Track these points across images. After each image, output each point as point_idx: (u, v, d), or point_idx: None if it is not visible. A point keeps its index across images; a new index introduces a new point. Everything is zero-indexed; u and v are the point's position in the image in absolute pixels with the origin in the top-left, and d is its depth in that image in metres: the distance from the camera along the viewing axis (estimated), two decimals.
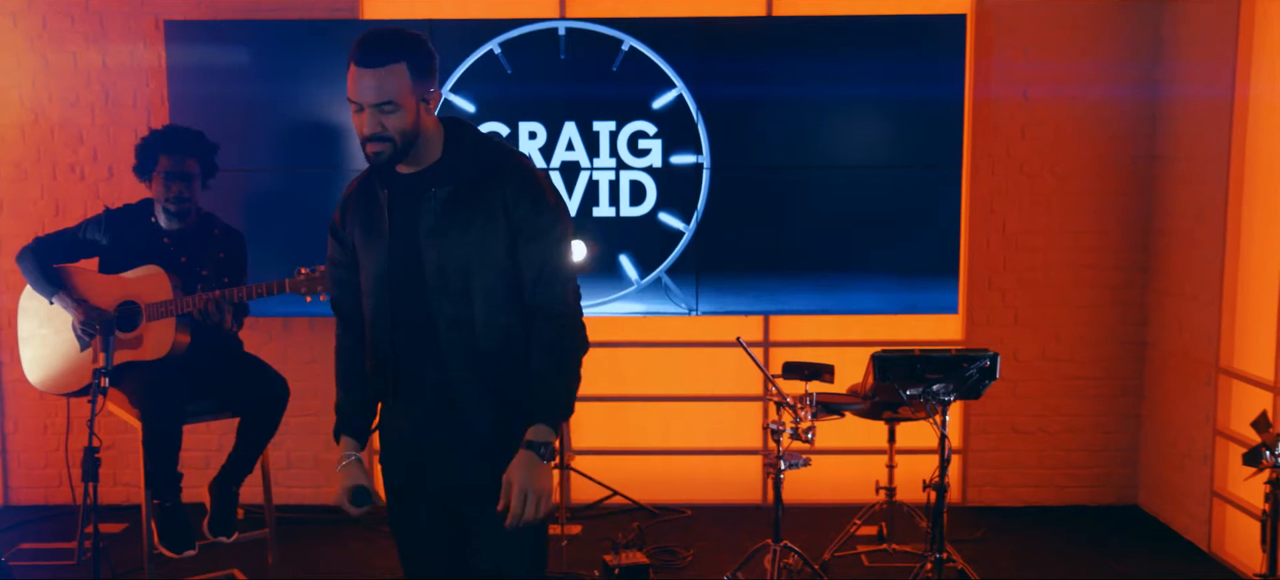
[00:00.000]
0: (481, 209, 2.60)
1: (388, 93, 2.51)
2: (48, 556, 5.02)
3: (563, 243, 2.65)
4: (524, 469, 2.54)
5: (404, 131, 2.54)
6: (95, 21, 5.41)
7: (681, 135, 5.28)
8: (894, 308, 5.39)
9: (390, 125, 2.53)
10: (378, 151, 2.55)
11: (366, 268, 2.70)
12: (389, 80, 2.51)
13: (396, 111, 2.53)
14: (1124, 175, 5.46)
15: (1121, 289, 5.53)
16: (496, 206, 2.60)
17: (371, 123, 2.52)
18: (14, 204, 5.52)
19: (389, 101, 2.51)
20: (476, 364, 2.62)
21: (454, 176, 2.62)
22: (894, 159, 5.32)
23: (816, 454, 4.90)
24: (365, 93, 2.52)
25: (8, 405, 5.69)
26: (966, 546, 5.04)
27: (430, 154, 2.63)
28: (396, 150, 2.55)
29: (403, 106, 2.53)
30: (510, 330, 2.64)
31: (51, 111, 5.47)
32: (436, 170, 2.63)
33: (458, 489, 2.69)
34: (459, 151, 2.65)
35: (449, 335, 2.61)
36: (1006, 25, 5.37)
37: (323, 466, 5.70)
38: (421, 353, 2.62)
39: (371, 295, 2.68)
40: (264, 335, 5.49)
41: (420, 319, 2.62)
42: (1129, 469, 5.65)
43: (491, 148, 2.70)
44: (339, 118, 5.27)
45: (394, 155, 2.56)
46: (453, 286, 2.59)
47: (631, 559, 4.61)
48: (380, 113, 2.52)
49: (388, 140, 2.54)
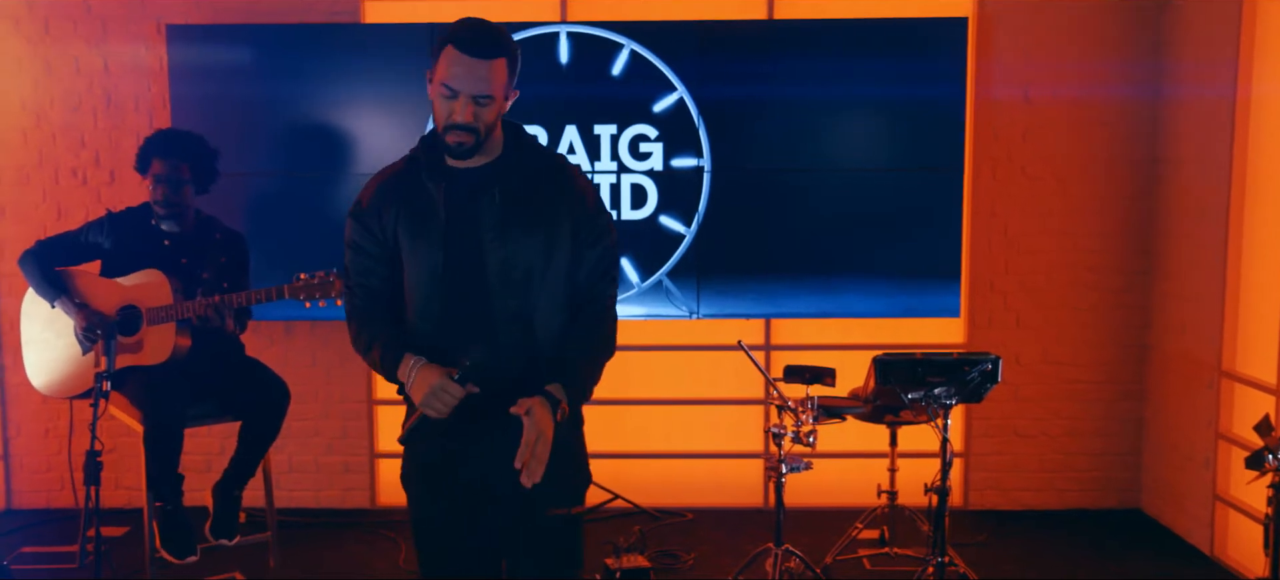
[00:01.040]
0: (545, 209, 2.61)
1: (489, 85, 2.50)
2: (49, 560, 5.02)
3: (616, 248, 2.72)
4: (546, 414, 2.49)
5: (489, 126, 2.55)
6: (97, 25, 5.42)
7: (682, 138, 5.28)
8: (895, 311, 5.38)
9: (482, 117, 2.52)
10: (461, 142, 2.53)
11: (415, 261, 2.63)
12: (491, 72, 2.50)
13: (490, 105, 2.52)
14: (1126, 177, 5.45)
15: (1123, 292, 5.52)
16: (560, 207, 2.62)
17: (464, 111, 2.50)
18: (16, 208, 5.52)
19: (489, 94, 2.51)
20: (533, 360, 2.61)
21: (516, 175, 2.62)
22: (895, 162, 5.32)
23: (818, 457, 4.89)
24: (469, 82, 2.49)
25: (10, 409, 5.70)
26: (968, 550, 5.04)
27: (491, 151, 2.63)
28: (477, 142, 2.55)
29: (495, 100, 2.53)
30: (563, 328, 2.67)
31: (54, 115, 5.47)
32: (497, 167, 2.62)
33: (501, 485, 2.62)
34: (520, 151, 2.66)
35: (507, 331, 2.60)
36: (1008, 28, 5.37)
37: (324, 470, 5.70)
38: (476, 347, 2.55)
39: (420, 289, 2.63)
40: (266, 339, 5.49)
41: (476, 314, 2.59)
42: (1131, 472, 5.64)
43: (548, 152, 2.73)
44: (340, 121, 5.27)
45: (474, 147, 2.55)
46: (515, 283, 2.58)
47: (633, 562, 4.60)
48: (476, 104, 2.50)
49: (474, 132, 2.52)
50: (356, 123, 5.28)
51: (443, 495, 2.70)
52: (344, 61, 5.24)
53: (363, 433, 5.66)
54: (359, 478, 5.69)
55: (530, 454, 2.45)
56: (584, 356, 2.63)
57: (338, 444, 5.67)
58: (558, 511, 2.70)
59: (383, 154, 5.25)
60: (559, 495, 2.68)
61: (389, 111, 5.27)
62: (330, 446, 5.68)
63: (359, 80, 5.25)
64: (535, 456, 2.46)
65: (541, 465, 2.47)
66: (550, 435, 2.49)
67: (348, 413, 5.64)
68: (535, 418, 2.46)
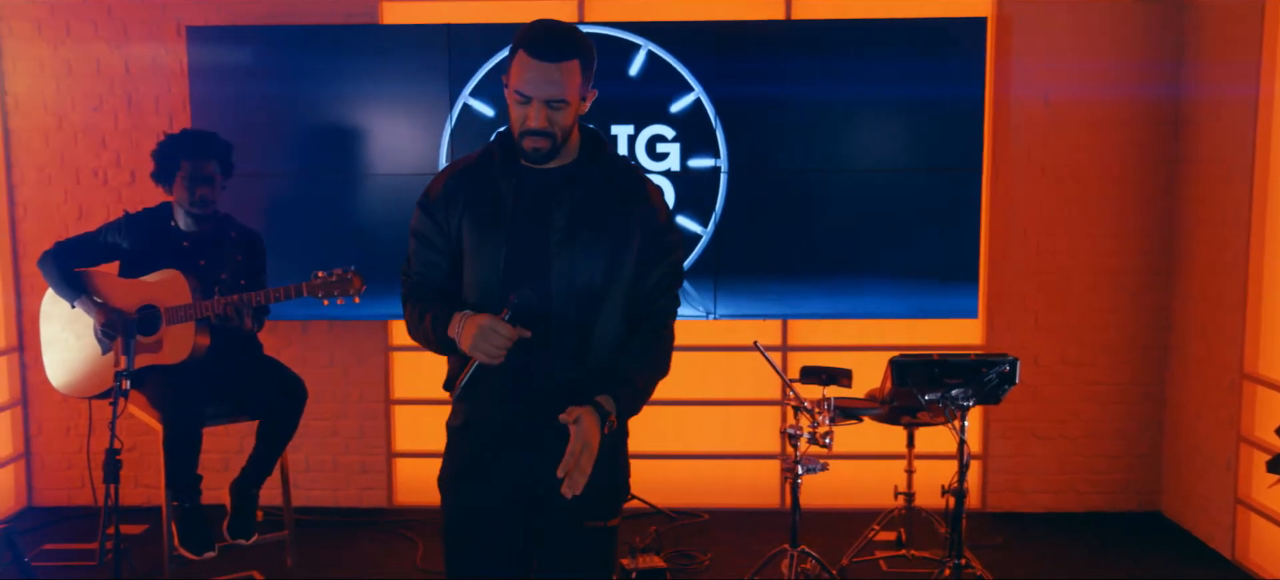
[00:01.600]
0: (616, 218, 2.58)
1: (561, 89, 2.46)
2: (70, 557, 5.05)
3: (681, 265, 2.70)
4: (594, 425, 2.47)
5: (566, 129, 2.51)
6: (118, 27, 5.45)
7: (700, 139, 5.28)
8: (913, 312, 5.36)
9: (557, 122, 2.48)
10: (537, 147, 2.50)
11: (478, 258, 2.61)
12: (563, 76, 2.46)
13: (564, 108, 2.48)
14: (1146, 178, 5.42)
15: (1143, 293, 5.49)
16: (632, 219, 2.59)
17: (538, 116, 2.47)
18: (39, 209, 5.57)
19: (562, 99, 2.47)
20: (586, 368, 2.59)
21: (589, 180, 2.59)
22: (913, 162, 5.30)
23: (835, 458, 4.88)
24: (539, 85, 2.45)
25: (32, 408, 5.74)
26: (985, 552, 5.02)
27: (566, 155, 2.60)
28: (554, 147, 2.51)
29: (570, 104, 2.49)
30: (620, 339, 2.64)
31: (75, 116, 5.51)
32: (571, 171, 2.60)
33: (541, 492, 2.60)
34: (596, 157, 2.62)
35: (564, 337, 2.57)
36: (1027, 28, 5.34)
37: (342, 469, 5.72)
38: (529, 351, 2.53)
39: (481, 287, 2.60)
40: (283, 339, 5.52)
41: (535, 315, 2.55)
42: (1151, 475, 5.61)
43: (624, 161, 2.70)
44: (358, 121, 5.29)
45: (551, 151, 2.52)
46: (576, 290, 2.56)
47: (649, 563, 4.62)
48: (549, 108, 2.47)
49: (549, 136, 2.49)
50: (374, 123, 5.30)
51: (479, 496, 2.68)
52: (362, 62, 5.26)
53: (380, 432, 5.68)
54: (376, 477, 5.71)
55: (574, 463, 2.42)
56: (638, 371, 2.60)
57: (355, 443, 5.69)
58: (595, 523, 2.67)
59: (400, 154, 5.28)
60: (598, 507, 2.66)
61: (407, 112, 5.29)
62: (348, 446, 5.70)
63: (376, 81, 5.27)
64: (578, 468, 2.42)
65: (584, 477, 2.43)
66: (595, 447, 2.45)
67: (365, 412, 5.66)
68: (583, 427, 2.44)
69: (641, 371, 2.61)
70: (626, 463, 2.78)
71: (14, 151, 5.55)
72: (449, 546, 2.75)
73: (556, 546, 2.69)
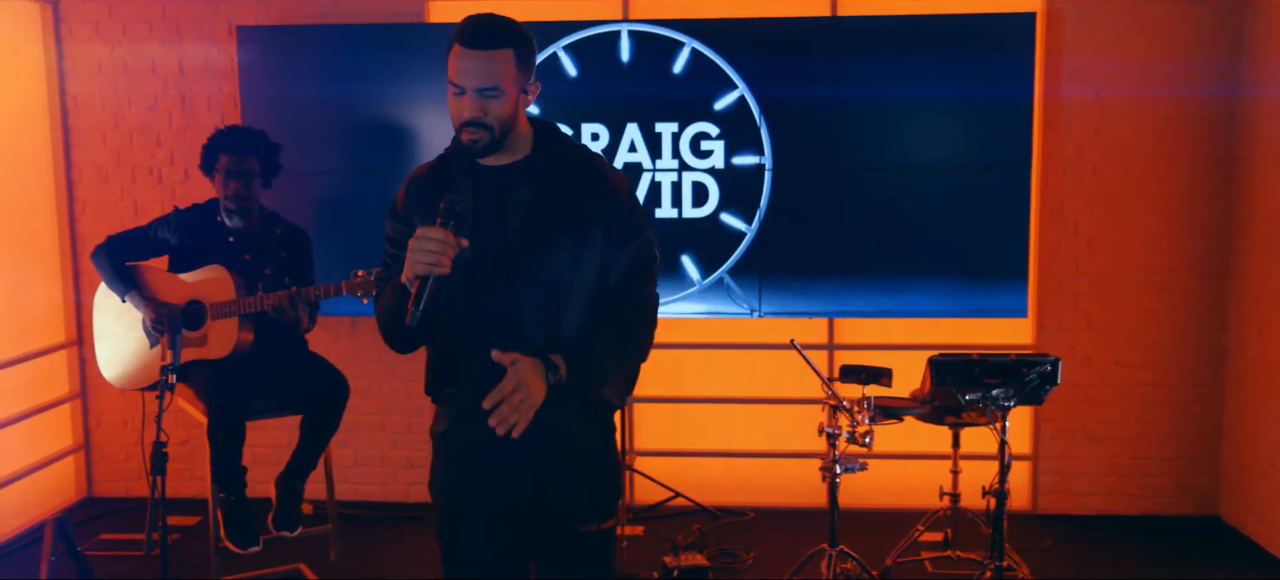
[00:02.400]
0: (575, 208, 2.55)
1: (493, 77, 2.44)
2: (125, 547, 5.16)
3: (651, 247, 2.62)
4: (533, 370, 2.39)
5: (503, 120, 2.48)
6: (172, 28, 5.56)
7: (744, 136, 5.25)
8: (960, 311, 5.30)
9: (491, 112, 2.46)
10: (474, 139, 2.48)
11: None
12: (495, 65, 2.44)
13: (499, 98, 2.46)
14: (1201, 176, 5.30)
15: (1198, 293, 5.37)
16: (592, 206, 2.55)
17: (472, 107, 2.45)
18: (96, 205, 5.69)
19: (493, 87, 2.45)
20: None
21: (545, 173, 2.57)
22: (961, 160, 5.23)
23: (879, 458, 4.85)
24: (470, 76, 2.44)
25: (91, 400, 5.87)
26: (1033, 555, 4.94)
27: (519, 149, 2.58)
28: (493, 140, 2.49)
29: (505, 93, 2.47)
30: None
31: (131, 116, 5.63)
32: (526, 166, 2.58)
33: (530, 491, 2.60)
34: (550, 150, 2.60)
35: (534, 332, 2.52)
36: (1078, 23, 5.25)
37: (389, 464, 5.78)
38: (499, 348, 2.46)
39: (448, 287, 2.53)
40: (332, 335, 5.59)
41: (503, 314, 2.52)
42: (1208, 478, 5.48)
43: (580, 149, 2.66)
44: (406, 119, 5.35)
45: (490, 144, 2.49)
46: (542, 283, 2.53)
47: (691, 561, 4.60)
48: (482, 98, 2.45)
49: (486, 128, 2.47)
50: (421, 121, 5.35)
51: (469, 502, 2.65)
52: (408, 61, 5.31)
53: (426, 428, 5.70)
54: (422, 472, 5.68)
55: (500, 396, 2.34)
56: (602, 343, 2.53)
57: (402, 439, 5.75)
58: (591, 527, 2.66)
59: None
60: (593, 511, 2.65)
61: None
62: (395, 441, 5.76)
63: (423, 79, 5.31)
64: (511, 406, 2.35)
65: (520, 418, 2.36)
66: (537, 394, 2.38)
67: (412, 408, 5.71)
68: (518, 368, 2.36)
69: (605, 344, 2.53)
70: (618, 461, 2.75)
71: (73, 150, 5.68)
72: (445, 552, 2.73)
73: (553, 551, 2.67)
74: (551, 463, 2.59)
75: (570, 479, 2.61)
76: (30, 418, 5.50)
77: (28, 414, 5.48)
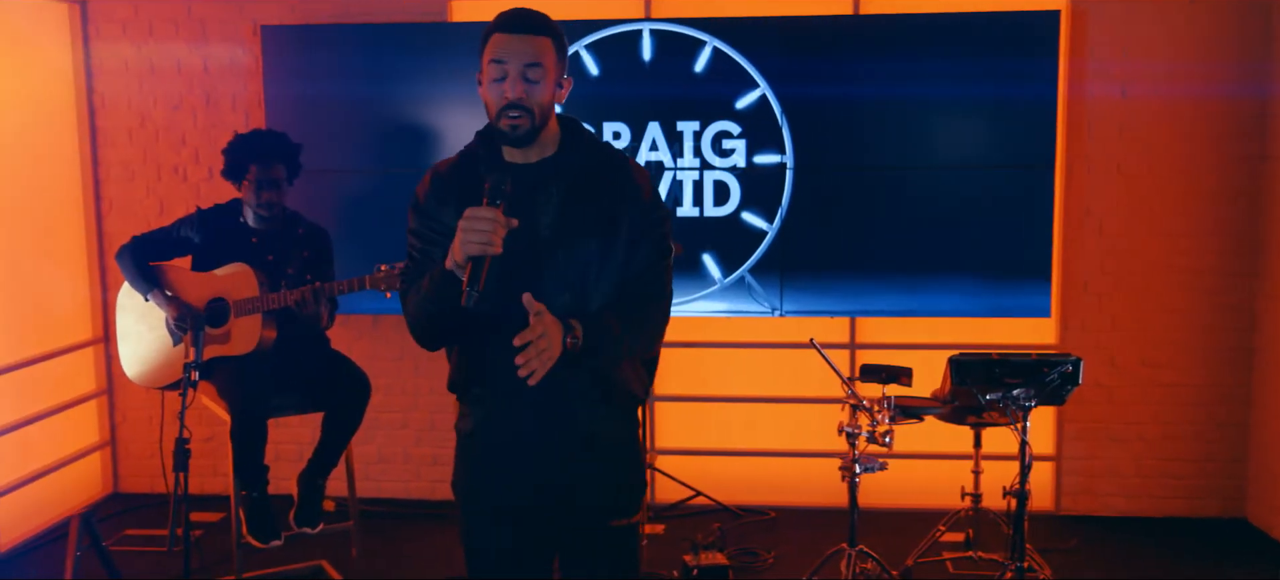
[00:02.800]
0: (604, 205, 2.56)
1: (539, 56, 2.47)
2: (149, 542, 5.21)
3: (668, 241, 2.64)
4: (556, 325, 2.38)
5: (543, 107, 2.50)
6: (197, 27, 5.60)
7: (765, 135, 5.24)
8: (983, 311, 5.27)
9: (534, 95, 2.47)
10: (515, 125, 2.48)
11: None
12: (540, 47, 2.48)
13: (542, 80, 2.48)
14: (1229, 175, 5.25)
15: (1225, 294, 5.32)
16: (619, 204, 2.56)
17: (515, 87, 2.46)
18: (123, 204, 5.74)
19: (537, 64, 2.47)
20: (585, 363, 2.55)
21: (573, 170, 2.58)
22: (984, 158, 5.20)
23: (900, 458, 4.83)
24: (516, 55, 2.46)
25: (117, 397, 5.93)
26: (1055, 556, 4.91)
27: (547, 146, 2.59)
28: (533, 126, 2.50)
29: (547, 77, 2.49)
30: None
31: (156, 115, 5.67)
32: (554, 162, 2.59)
33: (556, 487, 2.61)
34: (577, 147, 2.62)
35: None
36: (1103, 21, 5.21)
37: (413, 461, 5.80)
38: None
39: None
40: (355, 333, 5.62)
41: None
42: (1235, 480, 5.43)
43: (605, 146, 2.68)
44: (428, 118, 5.37)
45: (531, 131, 2.50)
46: (570, 279, 2.53)
47: (712, 560, 4.59)
48: (526, 79, 2.46)
49: (528, 113, 2.47)
50: (444, 120, 5.37)
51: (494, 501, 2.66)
52: (431, 60, 5.33)
53: (449, 425, 5.71)
54: (446, 470, 5.77)
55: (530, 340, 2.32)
56: (617, 318, 2.51)
57: (426, 436, 5.77)
58: (618, 522, 2.67)
59: None
60: (619, 506, 2.67)
61: (475, 108, 5.27)
62: (419, 438, 5.78)
63: (445, 78, 5.33)
64: (537, 351, 2.33)
65: (540, 368, 2.34)
66: (555, 348, 2.36)
67: (435, 406, 5.73)
68: (544, 319, 2.35)
69: (620, 321, 2.51)
70: (643, 457, 2.75)
71: (100, 149, 5.73)
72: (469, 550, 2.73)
73: (580, 547, 2.68)
74: (577, 459, 2.60)
75: (596, 475, 2.62)
76: (57, 414, 5.56)
77: (55, 411, 5.54)
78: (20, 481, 5.29)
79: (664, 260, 2.63)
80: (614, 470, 2.63)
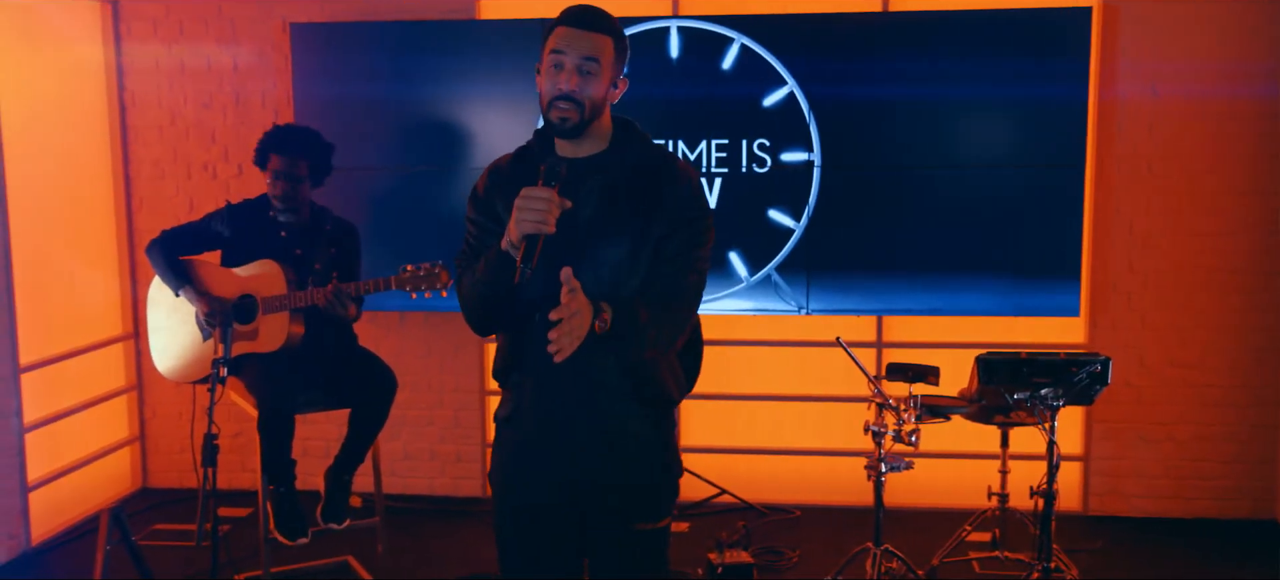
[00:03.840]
0: (641, 204, 2.58)
1: (597, 51, 2.50)
2: (177, 537, 5.25)
3: (705, 239, 2.63)
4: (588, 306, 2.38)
5: (594, 102, 2.52)
6: (227, 25, 5.64)
7: (792, 133, 5.23)
8: (1011, 310, 5.24)
9: (586, 89, 2.50)
10: (564, 117, 2.51)
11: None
12: (598, 44, 2.51)
13: (597, 75, 2.51)
14: (1261, 174, 5.20)
15: (1258, 293, 5.27)
16: (657, 205, 2.58)
17: (570, 79, 2.48)
18: (152, 201, 5.79)
19: (594, 59, 2.50)
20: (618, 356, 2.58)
21: (619, 167, 2.60)
22: (1013, 157, 5.18)
23: (926, 458, 4.81)
24: (575, 48, 2.49)
25: (147, 392, 5.98)
26: (1083, 557, 4.88)
27: (598, 142, 2.61)
28: (582, 119, 2.51)
29: (602, 74, 2.52)
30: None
31: (186, 112, 5.72)
32: (602, 159, 2.61)
33: (587, 487, 2.63)
34: (628, 144, 2.64)
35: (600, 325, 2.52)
36: (1135, 19, 5.17)
37: (438, 458, 5.82)
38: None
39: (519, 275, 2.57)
40: (382, 329, 5.64)
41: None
42: (1265, 482, 5.38)
43: (655, 147, 2.70)
44: (456, 116, 5.38)
45: (579, 125, 2.52)
46: (603, 276, 2.55)
47: (736, 558, 4.59)
48: (582, 73, 2.49)
49: (578, 106, 2.49)
50: (472, 118, 5.38)
51: (530, 495, 2.69)
52: (460, 58, 5.34)
53: (475, 423, 5.77)
54: (471, 467, 5.80)
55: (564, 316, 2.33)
56: (644, 306, 2.51)
57: (451, 433, 5.79)
58: (646, 525, 2.68)
59: (497, 148, 5.28)
60: (648, 508, 2.67)
61: (503, 106, 5.35)
62: (444, 435, 5.80)
63: (474, 76, 5.35)
64: (568, 327, 2.33)
65: (568, 345, 2.34)
66: (584, 327, 2.37)
67: (460, 403, 5.75)
68: (577, 297, 2.35)
69: (647, 308, 2.51)
70: (678, 462, 2.75)
71: (131, 147, 5.78)
72: (502, 545, 2.77)
73: (608, 548, 2.69)
74: (609, 458, 2.62)
75: (624, 473, 2.63)
76: (88, 409, 5.61)
77: (85, 405, 5.60)
78: (51, 476, 5.34)
79: (695, 251, 2.61)
80: (642, 470, 2.63)
